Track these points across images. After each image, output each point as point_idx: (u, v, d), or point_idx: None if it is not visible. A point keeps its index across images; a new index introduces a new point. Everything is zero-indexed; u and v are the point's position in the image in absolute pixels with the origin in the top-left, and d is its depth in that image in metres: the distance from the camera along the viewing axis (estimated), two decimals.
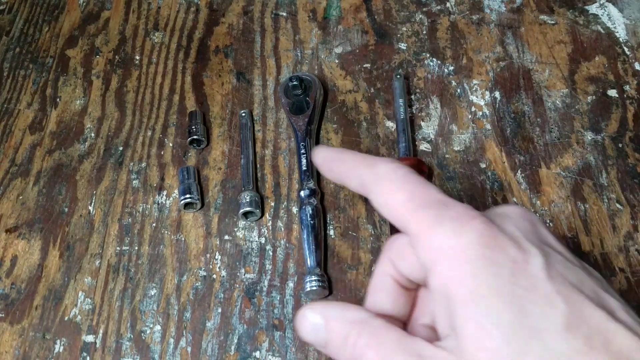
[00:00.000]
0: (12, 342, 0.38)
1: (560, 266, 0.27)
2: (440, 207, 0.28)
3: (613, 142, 0.44)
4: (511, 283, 0.26)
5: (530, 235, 0.28)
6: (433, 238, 0.28)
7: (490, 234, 0.27)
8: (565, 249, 0.29)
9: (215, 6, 0.55)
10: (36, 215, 0.43)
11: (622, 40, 0.50)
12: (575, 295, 0.26)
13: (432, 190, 0.29)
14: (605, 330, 0.25)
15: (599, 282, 0.28)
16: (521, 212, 0.30)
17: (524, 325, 0.25)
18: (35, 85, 0.51)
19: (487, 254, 0.27)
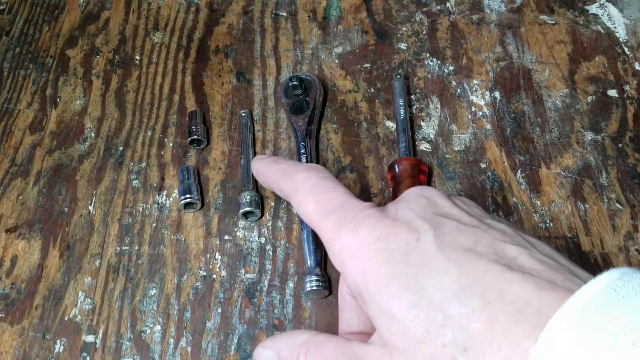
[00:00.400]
0: (12, 342, 0.38)
1: (452, 233, 0.28)
2: (341, 212, 0.30)
3: (613, 142, 0.44)
4: (405, 264, 0.27)
5: (424, 211, 0.30)
6: (337, 243, 0.30)
7: (382, 225, 0.29)
8: (461, 213, 0.30)
9: (215, 6, 0.55)
10: (36, 215, 0.43)
11: (622, 40, 0.50)
12: (467, 257, 0.27)
13: (336, 195, 0.31)
14: (500, 282, 0.25)
15: (500, 233, 0.28)
16: (417, 191, 0.31)
17: (423, 300, 0.26)
18: (35, 85, 0.51)
19: (381, 244, 0.28)
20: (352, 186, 0.43)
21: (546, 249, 0.28)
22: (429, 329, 0.26)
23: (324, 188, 0.32)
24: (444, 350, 0.25)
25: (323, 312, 0.38)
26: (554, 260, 0.27)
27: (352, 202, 0.31)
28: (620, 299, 0.23)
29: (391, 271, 0.28)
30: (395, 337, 0.27)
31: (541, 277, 0.25)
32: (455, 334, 0.25)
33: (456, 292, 0.26)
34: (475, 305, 0.25)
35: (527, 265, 0.26)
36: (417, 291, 0.27)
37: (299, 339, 0.31)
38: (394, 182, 0.42)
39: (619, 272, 0.24)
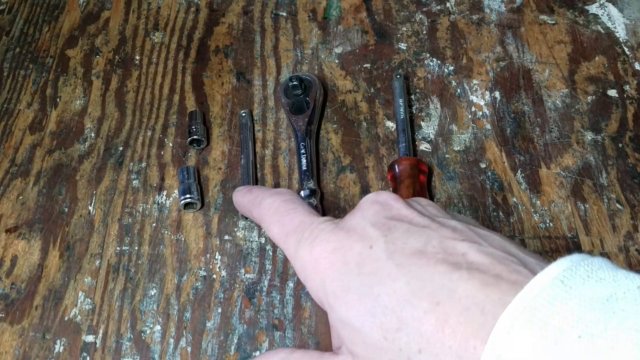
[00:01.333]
0: (12, 342, 0.38)
1: (403, 237, 0.29)
2: (299, 230, 0.32)
3: (613, 142, 0.44)
4: (359, 274, 0.28)
5: (376, 217, 0.30)
6: (297, 260, 0.31)
7: (335, 238, 0.30)
8: (413, 214, 0.30)
9: (215, 6, 0.55)
10: (36, 215, 0.43)
11: (622, 40, 0.50)
12: (417, 260, 0.27)
13: (295, 215, 0.33)
14: (447, 281, 0.26)
15: (450, 230, 0.29)
16: (372, 197, 0.32)
17: (378, 307, 0.27)
18: (35, 85, 0.51)
19: (336, 257, 0.29)
20: (352, 186, 0.43)
21: (497, 240, 0.28)
22: (386, 335, 0.27)
23: (286, 210, 0.34)
24: (401, 354, 0.26)
25: (323, 312, 0.38)
26: (505, 251, 0.27)
27: (309, 219, 0.32)
28: (567, 291, 0.23)
29: (346, 282, 0.29)
30: (357, 346, 0.28)
31: (488, 272, 0.26)
32: (409, 337, 0.26)
33: (407, 297, 0.26)
34: (425, 308, 0.26)
35: (475, 261, 0.27)
36: (371, 299, 0.27)
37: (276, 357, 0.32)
38: (394, 182, 0.42)
39: (568, 261, 0.25)
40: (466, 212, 0.42)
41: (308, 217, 0.33)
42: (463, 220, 0.32)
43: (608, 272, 0.24)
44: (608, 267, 0.25)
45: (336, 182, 0.44)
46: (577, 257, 0.25)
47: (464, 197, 0.42)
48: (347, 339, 0.29)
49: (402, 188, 0.41)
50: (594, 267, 0.25)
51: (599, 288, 0.23)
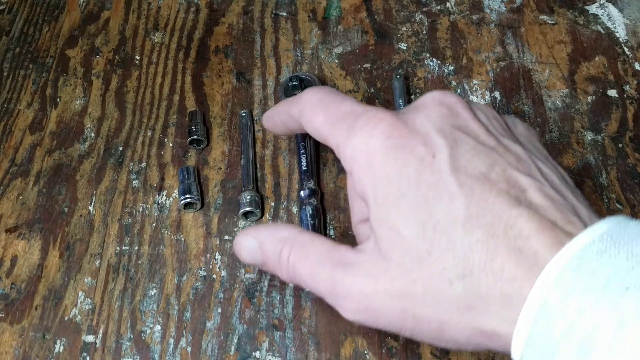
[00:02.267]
0: (12, 342, 0.38)
1: (468, 154, 0.27)
2: (352, 119, 0.30)
3: (613, 142, 0.44)
4: (417, 182, 0.27)
5: (443, 123, 0.29)
6: (348, 148, 0.29)
7: (397, 134, 0.28)
8: (481, 129, 0.29)
9: (215, 6, 0.55)
10: (36, 215, 0.43)
11: (622, 40, 0.50)
12: (479, 185, 0.26)
13: (345, 104, 0.31)
14: (507, 216, 0.25)
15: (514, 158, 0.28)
16: (439, 97, 0.30)
17: (430, 222, 0.26)
18: (35, 85, 0.51)
19: (395, 156, 0.28)
20: None
21: (556, 181, 0.28)
22: (432, 251, 0.26)
23: (331, 99, 0.32)
24: (443, 273, 0.26)
25: (323, 312, 0.38)
26: (561, 195, 0.27)
27: (364, 108, 0.30)
28: (615, 245, 0.23)
29: (402, 188, 0.27)
30: (396, 250, 0.27)
31: (545, 216, 0.25)
32: (456, 260, 0.25)
33: (463, 220, 0.26)
34: (479, 237, 0.25)
35: (535, 200, 0.26)
36: (425, 212, 0.26)
37: (283, 233, 0.31)
38: None
39: (616, 219, 0.25)
40: None
41: (360, 105, 0.31)
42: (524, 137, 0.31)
43: None
44: None
45: (336, 182, 0.44)
46: (623, 218, 0.25)
47: None
48: (386, 241, 0.27)
49: None
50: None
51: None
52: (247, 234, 0.32)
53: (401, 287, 0.26)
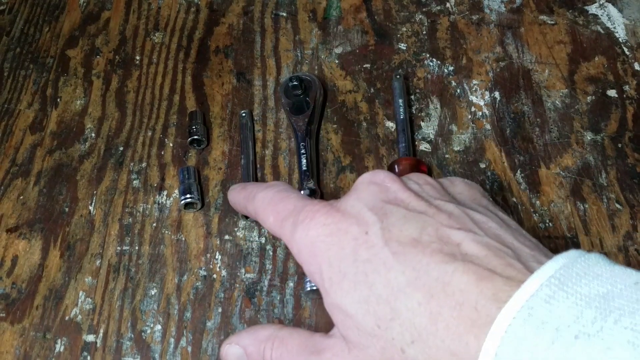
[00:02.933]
0: (13, 342, 0.38)
1: (399, 223, 0.28)
2: (294, 215, 0.32)
3: (612, 142, 0.44)
4: (354, 261, 0.28)
5: (373, 200, 0.30)
6: (294, 244, 0.31)
7: (331, 221, 0.30)
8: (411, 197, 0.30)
9: (215, 6, 0.55)
10: (37, 215, 0.43)
11: (622, 40, 0.50)
12: (412, 249, 0.27)
13: (289, 202, 0.33)
14: (443, 274, 0.26)
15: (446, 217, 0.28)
16: (368, 178, 0.31)
17: (373, 295, 0.27)
18: (36, 86, 0.51)
19: (332, 241, 0.29)
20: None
21: (493, 227, 0.28)
22: (379, 323, 0.27)
23: (279, 199, 0.34)
24: (393, 342, 0.26)
25: (323, 312, 0.38)
26: (499, 241, 0.27)
27: (303, 203, 0.32)
28: (563, 289, 0.23)
29: (342, 269, 0.28)
30: (350, 331, 0.28)
31: (482, 266, 0.25)
32: (402, 328, 0.26)
33: (402, 287, 0.26)
34: (420, 300, 0.26)
35: (470, 252, 0.26)
36: (366, 287, 0.27)
37: (264, 333, 0.33)
38: None
39: (564, 258, 0.25)
40: None
41: (302, 201, 0.33)
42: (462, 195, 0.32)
43: (605, 268, 0.24)
44: (604, 263, 0.25)
45: (336, 182, 0.44)
46: (573, 253, 0.25)
47: None
48: (340, 323, 0.29)
49: None
50: (590, 263, 0.24)
51: (596, 285, 0.23)
52: (231, 342, 0.34)
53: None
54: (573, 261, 0.24)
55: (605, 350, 0.21)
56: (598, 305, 0.22)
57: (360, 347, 0.28)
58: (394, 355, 0.26)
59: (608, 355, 0.21)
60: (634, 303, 0.22)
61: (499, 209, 0.31)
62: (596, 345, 0.21)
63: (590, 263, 0.24)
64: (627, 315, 0.22)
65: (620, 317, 0.22)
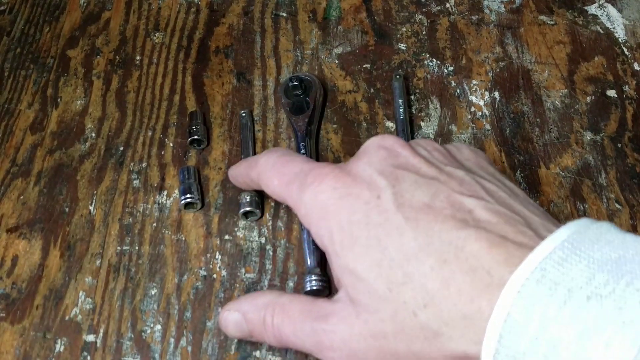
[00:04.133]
0: (13, 342, 0.38)
1: (411, 189, 0.29)
2: (301, 178, 0.32)
3: (612, 143, 0.44)
4: (367, 224, 0.28)
5: (384, 165, 0.30)
6: (301, 207, 0.31)
7: (342, 184, 0.30)
8: (421, 162, 0.30)
9: (215, 7, 0.55)
10: (37, 215, 0.43)
11: (622, 40, 0.50)
12: (424, 215, 0.27)
13: (294, 164, 0.33)
14: (455, 239, 0.26)
15: (457, 183, 0.29)
16: (377, 141, 0.32)
17: (385, 259, 0.27)
18: (36, 86, 0.51)
19: (342, 204, 0.29)
20: None
21: (503, 196, 0.29)
22: (391, 287, 0.27)
23: (283, 162, 0.34)
24: (405, 306, 0.26)
25: None
26: (510, 209, 0.27)
27: (310, 166, 0.32)
28: (576, 253, 0.24)
29: (354, 233, 0.28)
30: (361, 294, 0.28)
31: (494, 232, 0.26)
32: (415, 292, 0.26)
33: (415, 252, 0.27)
34: (432, 264, 0.26)
35: (482, 219, 0.27)
36: (379, 251, 0.27)
37: (263, 299, 0.32)
38: None
39: (576, 224, 0.25)
40: None
41: (308, 163, 0.33)
42: (470, 161, 0.32)
43: (616, 235, 0.25)
44: (616, 231, 0.25)
45: None
46: (585, 221, 0.25)
47: None
48: (350, 287, 0.29)
49: None
50: (602, 230, 0.25)
51: (608, 250, 0.24)
52: (230, 308, 0.34)
53: (373, 327, 0.28)
54: (585, 228, 0.25)
55: (617, 310, 0.21)
56: (610, 269, 0.23)
57: (371, 310, 0.27)
58: (405, 318, 0.26)
59: (620, 315, 0.21)
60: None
61: (505, 177, 0.31)
62: (608, 305, 0.22)
63: (602, 230, 0.25)
64: (638, 278, 0.22)
65: (632, 280, 0.22)
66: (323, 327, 0.29)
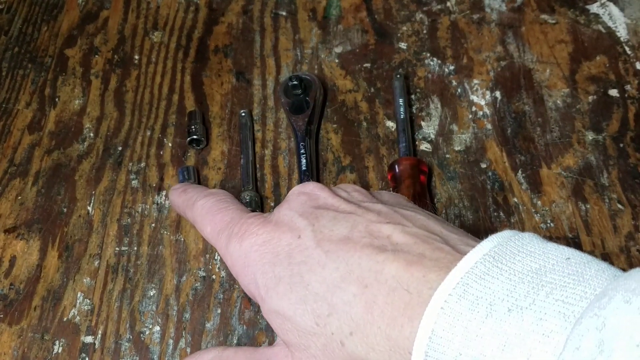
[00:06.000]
0: (11, 343, 0.38)
1: (329, 224, 0.29)
2: (230, 227, 0.32)
3: (614, 142, 0.44)
4: (289, 264, 0.29)
5: (303, 207, 0.31)
6: (228, 256, 0.32)
7: (264, 231, 0.31)
8: (339, 202, 0.31)
9: (214, 5, 0.55)
10: (35, 215, 0.43)
11: (623, 39, 0.50)
12: (343, 246, 0.28)
13: (227, 213, 0.34)
14: (374, 264, 0.27)
15: (375, 215, 0.29)
16: (298, 189, 0.33)
17: (309, 294, 0.28)
18: (34, 85, 0.50)
19: (265, 249, 0.30)
20: None
21: (421, 219, 0.29)
22: (318, 321, 0.27)
23: (218, 209, 0.34)
24: (333, 337, 0.27)
25: None
26: (428, 230, 0.28)
27: (239, 215, 0.33)
28: (498, 266, 0.24)
29: (277, 273, 0.29)
30: (290, 333, 0.28)
31: (412, 252, 0.26)
32: (340, 321, 0.27)
33: (337, 282, 0.27)
34: (354, 291, 0.26)
35: (400, 241, 0.27)
36: (302, 287, 0.28)
37: (207, 357, 0.33)
38: (394, 182, 0.42)
39: (499, 237, 0.25)
40: (466, 213, 0.42)
41: (238, 213, 0.33)
42: (389, 201, 0.32)
43: (538, 246, 0.25)
44: (538, 241, 0.25)
45: (336, 182, 0.44)
46: (507, 233, 0.26)
47: (464, 197, 0.42)
48: (279, 328, 0.29)
49: (403, 188, 0.41)
50: (524, 242, 0.25)
51: (529, 261, 0.24)
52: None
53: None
54: (507, 240, 0.25)
55: (537, 321, 0.22)
56: (530, 280, 0.23)
57: (302, 348, 0.28)
58: (334, 350, 0.27)
59: (540, 326, 0.22)
60: (565, 277, 0.23)
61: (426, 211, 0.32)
62: (529, 317, 0.22)
63: (524, 242, 0.25)
64: (558, 288, 0.22)
65: (552, 290, 0.22)
66: None
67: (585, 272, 0.23)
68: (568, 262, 0.24)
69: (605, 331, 0.20)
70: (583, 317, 0.21)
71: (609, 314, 0.20)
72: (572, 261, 0.24)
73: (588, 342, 0.20)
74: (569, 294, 0.22)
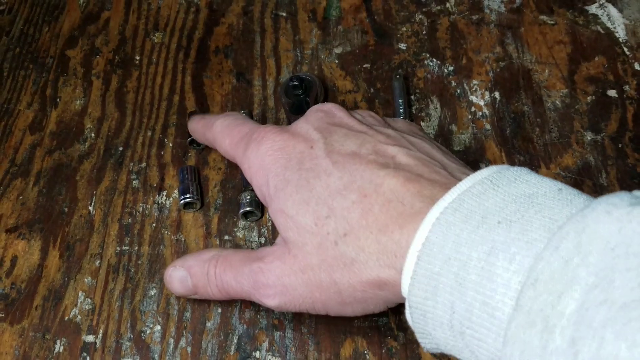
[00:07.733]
0: (12, 342, 0.38)
1: (341, 140, 0.32)
2: (247, 137, 0.36)
3: (613, 142, 0.44)
4: (299, 169, 0.32)
5: (319, 122, 0.34)
6: (245, 160, 0.35)
7: (281, 138, 0.34)
8: (353, 121, 0.34)
9: (215, 6, 0.55)
10: (36, 215, 0.43)
11: (622, 40, 0.50)
12: (350, 160, 0.31)
13: (245, 126, 0.37)
14: (375, 177, 0.29)
15: (384, 136, 0.32)
16: (317, 107, 0.36)
17: (312, 197, 0.31)
18: (35, 86, 0.51)
19: (280, 154, 0.33)
20: None
21: (426, 146, 0.32)
22: (317, 221, 0.30)
23: (235, 124, 0.38)
24: (328, 237, 0.30)
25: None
26: (430, 156, 0.31)
27: (257, 126, 0.36)
28: (494, 188, 0.26)
29: (287, 176, 0.32)
30: (290, 231, 0.31)
31: (411, 172, 0.29)
32: (337, 223, 0.29)
33: (339, 189, 0.30)
34: (354, 199, 0.29)
35: (402, 162, 0.30)
36: (307, 190, 0.31)
37: (208, 255, 0.35)
38: None
39: (497, 168, 0.28)
40: None
41: (255, 125, 0.37)
42: (401, 128, 0.35)
43: (534, 177, 0.27)
44: (534, 174, 0.28)
45: None
46: (505, 165, 0.28)
47: None
48: (282, 225, 0.32)
49: None
50: (521, 172, 0.28)
51: (524, 187, 0.26)
52: (175, 265, 0.36)
53: (301, 260, 0.31)
54: (505, 169, 0.28)
55: (523, 232, 0.24)
56: (523, 201, 0.25)
57: (299, 245, 0.30)
58: (328, 248, 0.29)
59: (524, 234, 0.24)
60: (556, 202, 0.25)
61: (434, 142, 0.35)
62: (516, 228, 0.24)
63: (521, 172, 0.27)
64: (546, 209, 0.25)
65: (540, 209, 0.25)
66: (260, 265, 0.32)
67: (575, 200, 0.25)
68: (560, 192, 0.26)
69: (584, 235, 0.22)
70: (565, 224, 0.23)
71: (589, 222, 0.22)
72: (564, 192, 0.26)
73: (567, 243, 0.22)
74: (556, 212, 0.24)
